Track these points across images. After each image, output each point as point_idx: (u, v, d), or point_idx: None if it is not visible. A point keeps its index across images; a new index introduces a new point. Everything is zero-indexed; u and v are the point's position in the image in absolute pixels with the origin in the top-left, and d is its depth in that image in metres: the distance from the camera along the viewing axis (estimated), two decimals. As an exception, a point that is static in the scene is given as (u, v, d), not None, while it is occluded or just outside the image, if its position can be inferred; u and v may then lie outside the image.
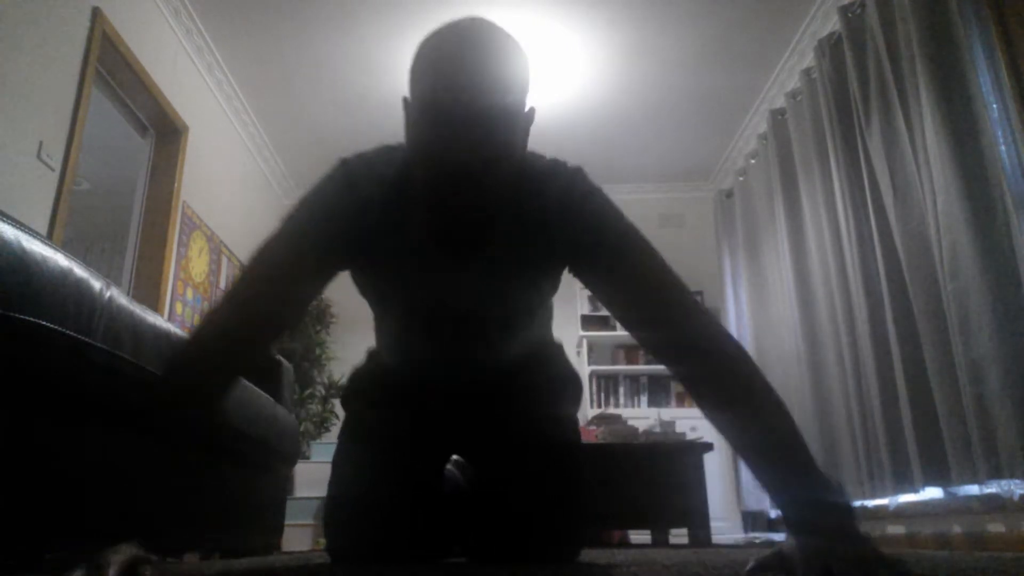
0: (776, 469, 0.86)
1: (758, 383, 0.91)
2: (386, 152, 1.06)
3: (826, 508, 0.79)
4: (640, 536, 3.59)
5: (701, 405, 0.94)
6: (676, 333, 0.97)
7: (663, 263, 1.00)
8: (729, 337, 0.97)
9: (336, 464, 1.40)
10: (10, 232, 0.93)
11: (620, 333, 5.38)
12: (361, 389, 1.46)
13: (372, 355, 1.48)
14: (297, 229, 1.00)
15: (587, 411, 4.94)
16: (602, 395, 5.20)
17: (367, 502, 1.29)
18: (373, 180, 1.02)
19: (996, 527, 2.50)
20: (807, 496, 0.81)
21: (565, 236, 1.02)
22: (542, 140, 1.13)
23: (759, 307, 4.46)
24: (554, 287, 1.16)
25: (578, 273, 1.06)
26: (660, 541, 3.19)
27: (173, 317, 3.70)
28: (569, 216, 1.01)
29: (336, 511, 1.35)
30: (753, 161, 4.61)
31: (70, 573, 0.67)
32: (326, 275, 1.05)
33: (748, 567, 0.76)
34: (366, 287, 1.15)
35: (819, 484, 0.82)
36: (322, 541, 4.00)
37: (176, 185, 3.70)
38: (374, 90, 4.26)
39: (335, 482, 1.38)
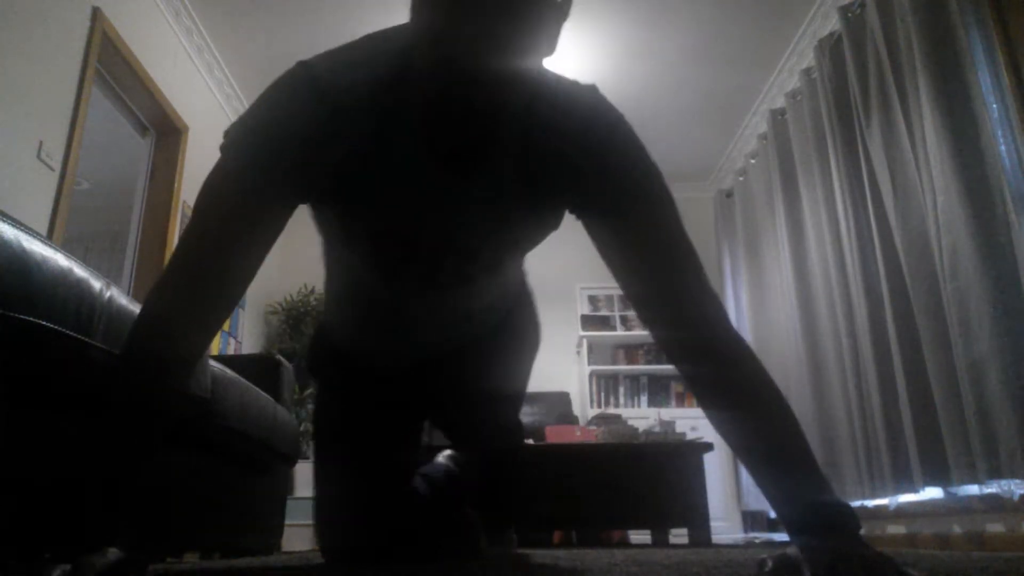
0: (777, 470, 0.83)
1: (759, 379, 0.85)
2: (363, 47, 0.85)
3: (828, 510, 0.77)
4: (640, 536, 3.59)
5: (699, 399, 0.88)
6: (679, 311, 0.88)
7: (682, 227, 0.89)
8: (731, 329, 0.89)
9: (316, 461, 1.38)
10: (10, 232, 0.93)
11: (620, 333, 5.38)
12: (323, 367, 1.39)
13: (324, 326, 1.36)
14: (251, 162, 0.80)
15: (587, 411, 4.94)
16: (602, 395, 5.20)
17: (348, 504, 1.28)
18: (349, 86, 0.80)
19: (996, 527, 2.50)
20: (809, 498, 0.79)
21: (581, 169, 0.86)
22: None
23: (759, 307, 4.46)
24: (555, 225, 0.99)
25: (584, 214, 0.92)
26: (660, 541, 3.19)
27: (173, 317, 3.68)
28: (590, 147, 0.85)
29: (321, 512, 1.34)
30: (753, 161, 4.61)
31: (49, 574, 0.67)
32: (289, 211, 0.87)
33: (767, 569, 0.74)
34: (328, 217, 0.96)
35: (820, 486, 0.80)
36: (322, 541, 3.99)
37: (176, 185, 3.70)
38: (374, 90, 4.27)
39: (317, 482, 1.35)
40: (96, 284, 1.08)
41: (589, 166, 0.86)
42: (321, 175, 0.84)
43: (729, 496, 4.63)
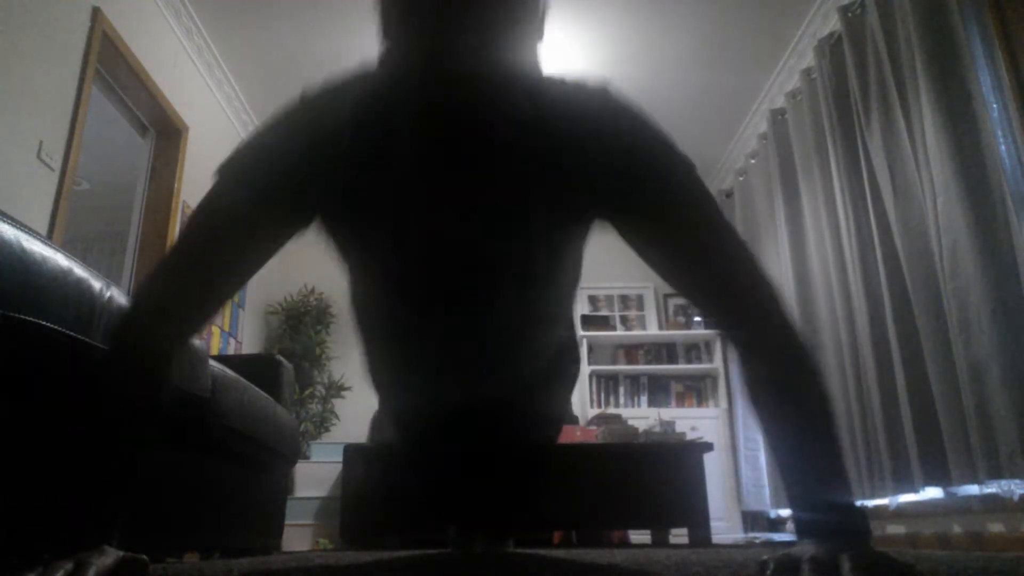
0: (796, 472, 0.83)
1: (798, 378, 0.84)
2: (359, 73, 0.85)
3: (837, 513, 0.77)
4: (640, 536, 3.59)
5: (745, 392, 0.88)
6: (725, 308, 0.85)
7: (723, 219, 0.84)
8: (784, 321, 0.84)
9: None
10: (10, 232, 0.93)
11: (620, 333, 5.38)
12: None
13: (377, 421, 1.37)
14: (238, 187, 0.81)
15: (587, 411, 4.94)
16: (602, 395, 5.20)
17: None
18: (340, 105, 0.81)
19: (996, 527, 2.50)
20: (820, 501, 0.79)
21: (604, 173, 0.81)
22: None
23: (759, 307, 4.45)
24: (581, 242, 0.94)
25: (615, 219, 0.86)
26: (660, 541, 3.19)
27: (173, 317, 3.69)
28: (611, 149, 0.80)
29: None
30: (753, 161, 4.61)
31: (52, 573, 0.66)
32: (282, 235, 0.86)
33: (768, 570, 0.74)
34: (343, 249, 0.95)
35: (836, 490, 0.79)
36: (322, 541, 4.00)
37: (176, 185, 3.70)
38: (374, 90, 4.27)
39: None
40: (96, 284, 1.08)
41: (613, 169, 0.80)
42: (319, 197, 0.84)
43: (729, 496, 4.63)
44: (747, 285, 0.84)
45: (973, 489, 2.61)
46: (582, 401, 5.07)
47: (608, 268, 4.84)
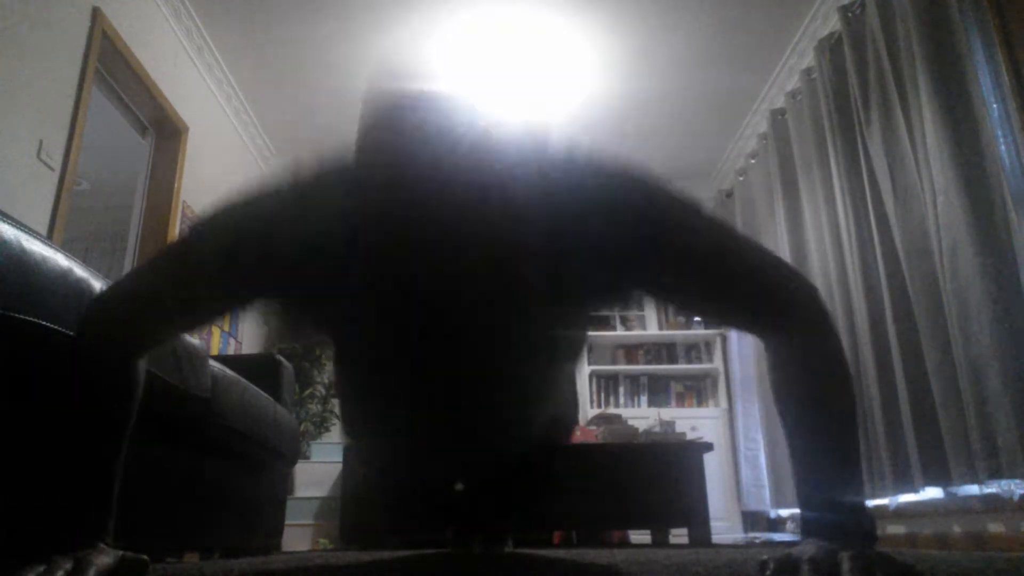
0: (806, 469, 0.82)
1: (817, 375, 0.84)
2: (348, 168, 0.80)
3: (842, 514, 0.77)
4: (640, 536, 3.59)
5: (773, 381, 0.87)
6: (776, 314, 0.85)
7: (739, 244, 0.84)
8: (810, 312, 0.85)
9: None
10: (10, 232, 0.93)
11: (620, 333, 5.38)
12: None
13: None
14: (207, 248, 0.82)
15: (587, 411, 4.94)
16: (602, 395, 5.20)
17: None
18: (326, 203, 0.79)
19: (996, 527, 2.50)
20: (826, 500, 0.79)
21: (616, 260, 0.79)
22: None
23: (759, 307, 4.45)
24: (587, 324, 0.96)
25: (649, 291, 0.88)
26: (660, 541, 3.19)
27: (173, 317, 3.69)
28: (616, 234, 0.78)
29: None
30: (753, 161, 4.61)
31: (54, 572, 0.66)
32: (231, 305, 0.90)
33: (768, 570, 0.74)
34: (327, 335, 0.97)
35: (844, 489, 0.79)
36: (322, 541, 4.00)
37: (176, 185, 3.70)
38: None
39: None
40: (96, 284, 1.08)
41: (628, 252, 0.79)
42: (288, 293, 0.86)
43: (729, 496, 4.63)
44: (783, 288, 0.85)
45: (973, 489, 2.61)
46: (582, 401, 5.07)
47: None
